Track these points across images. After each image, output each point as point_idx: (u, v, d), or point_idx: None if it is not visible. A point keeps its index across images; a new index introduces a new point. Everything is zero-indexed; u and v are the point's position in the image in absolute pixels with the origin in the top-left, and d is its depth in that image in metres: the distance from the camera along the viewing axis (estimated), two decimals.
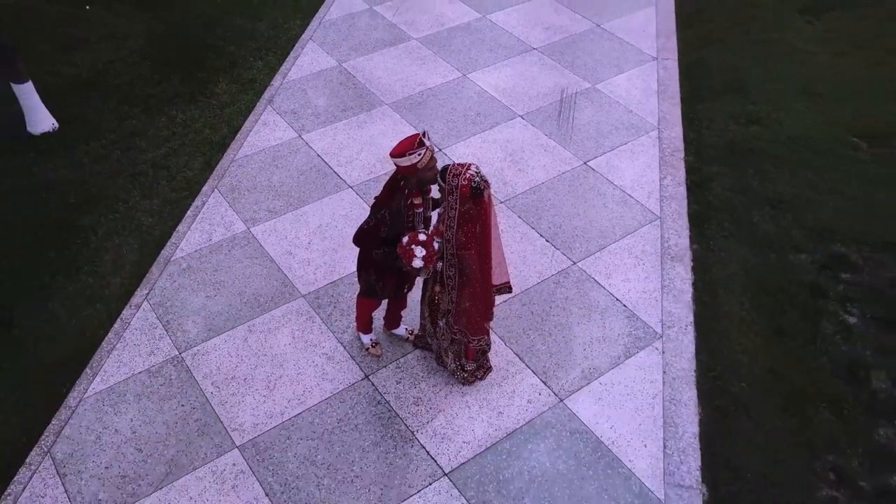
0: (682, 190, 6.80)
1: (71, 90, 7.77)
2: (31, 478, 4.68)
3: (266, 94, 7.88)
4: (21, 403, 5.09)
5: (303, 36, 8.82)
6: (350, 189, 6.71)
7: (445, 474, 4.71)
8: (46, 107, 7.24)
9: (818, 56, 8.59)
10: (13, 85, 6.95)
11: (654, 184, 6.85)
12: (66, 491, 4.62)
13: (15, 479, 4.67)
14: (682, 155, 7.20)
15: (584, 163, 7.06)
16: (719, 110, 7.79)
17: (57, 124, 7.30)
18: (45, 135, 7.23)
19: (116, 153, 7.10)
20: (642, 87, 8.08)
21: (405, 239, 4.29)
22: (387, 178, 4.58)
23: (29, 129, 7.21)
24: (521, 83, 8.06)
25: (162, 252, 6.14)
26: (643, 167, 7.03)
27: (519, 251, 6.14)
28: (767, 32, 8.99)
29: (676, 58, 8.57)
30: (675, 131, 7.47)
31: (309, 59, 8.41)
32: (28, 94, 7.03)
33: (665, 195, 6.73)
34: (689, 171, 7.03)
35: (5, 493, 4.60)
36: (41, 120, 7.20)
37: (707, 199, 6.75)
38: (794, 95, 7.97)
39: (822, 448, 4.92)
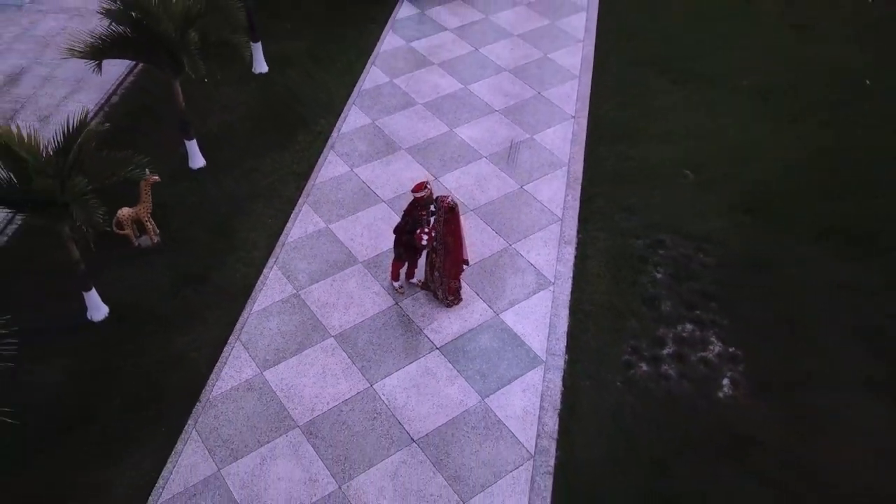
0: (577, 203, 11.20)
1: (209, 141, 12.12)
2: (231, 350, 9.12)
3: (329, 142, 12.28)
4: (217, 317, 9.51)
5: (348, 101, 13.19)
6: (384, 203, 11.11)
7: (437, 348, 9.14)
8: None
9: (676, 113, 12.95)
10: (185, 141, 11.35)
11: (560, 199, 11.24)
12: (252, 357, 9.06)
13: (223, 350, 9.11)
14: (580, 181, 11.59)
15: (521, 187, 11.47)
16: (608, 152, 12.16)
17: (205, 162, 11.70)
18: (200, 169, 11.63)
19: (244, 181, 11.50)
20: (562, 136, 12.46)
21: (418, 231, 8.73)
22: (405, 198, 8.98)
23: (190, 165, 11.61)
24: (486, 135, 12.44)
25: (280, 238, 10.55)
26: (556, 189, 11.42)
27: (480, 238, 10.54)
28: (647, 97, 13.35)
29: (587, 116, 12.94)
30: (579, 166, 11.86)
31: (353, 118, 12.80)
32: (191, 145, 11.43)
33: (566, 206, 11.14)
34: (583, 191, 11.42)
35: (221, 356, 9.05)
36: (198, 160, 11.60)
37: (591, 208, 11.14)
38: (655, 141, 12.34)
39: (628, 337, 9.33)
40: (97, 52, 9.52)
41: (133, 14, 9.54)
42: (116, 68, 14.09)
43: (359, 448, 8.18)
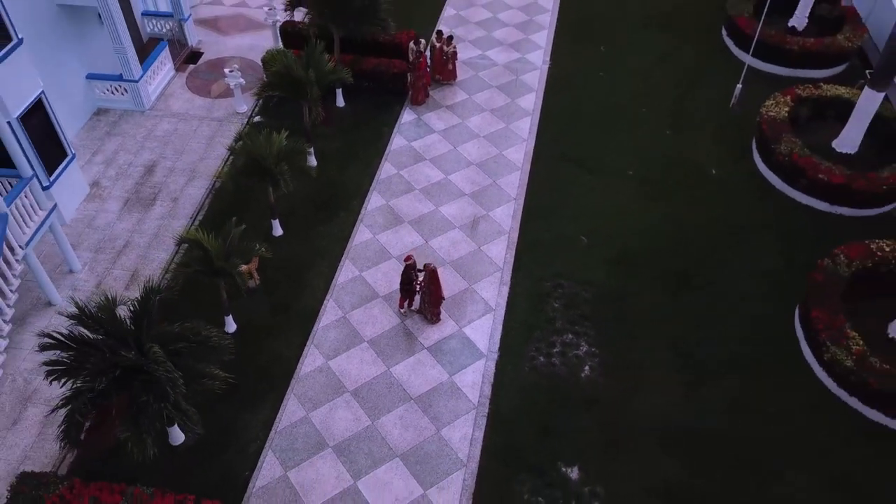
0: (512, 259, 17.54)
1: (281, 217, 18.44)
2: (308, 349, 15.48)
3: (359, 218, 18.60)
4: (297, 330, 15.85)
5: (370, 188, 19.51)
6: (394, 259, 17.44)
7: (426, 348, 15.50)
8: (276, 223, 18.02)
9: (584, 196, 19.28)
10: (272, 219, 17.71)
11: (503, 256, 17.58)
12: (321, 353, 15.42)
13: (303, 349, 15.48)
14: (515, 244, 17.93)
15: (479, 248, 17.83)
16: (535, 225, 18.48)
17: (283, 231, 18.05)
18: (279, 237, 17.96)
19: (307, 244, 17.80)
20: (507, 213, 18.78)
21: (413, 282, 15.16)
22: (403, 257, 15.40)
23: (273, 234, 17.96)
24: (458, 212, 18.79)
25: (332, 282, 16.88)
26: (500, 250, 17.76)
27: (452, 281, 16.87)
28: (566, 184, 19.67)
29: (525, 197, 19.28)
30: (515, 234, 18.19)
31: (374, 200, 19.13)
32: (275, 222, 17.77)
33: (505, 261, 17.49)
34: (517, 251, 17.76)
35: (302, 353, 15.41)
36: (278, 230, 17.91)
37: (521, 262, 17.47)
38: (567, 217, 18.66)
39: (534, 342, 15.67)
40: (232, 176, 15.91)
41: (250, 154, 15.89)
42: (215, 162, 20.44)
43: (382, 402, 14.55)
